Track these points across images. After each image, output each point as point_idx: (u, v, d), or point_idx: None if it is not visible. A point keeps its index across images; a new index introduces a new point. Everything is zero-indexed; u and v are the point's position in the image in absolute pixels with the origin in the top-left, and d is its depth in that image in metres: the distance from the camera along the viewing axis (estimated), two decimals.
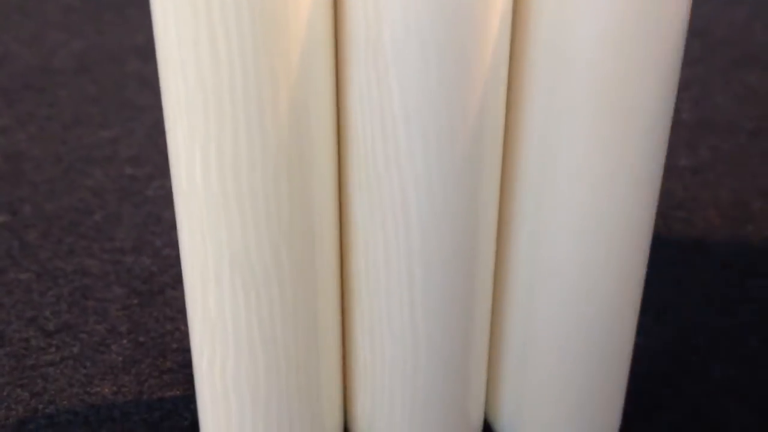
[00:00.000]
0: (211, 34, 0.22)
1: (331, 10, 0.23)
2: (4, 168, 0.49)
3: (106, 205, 0.46)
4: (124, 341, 0.36)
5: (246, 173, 0.24)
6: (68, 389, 0.34)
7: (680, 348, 0.36)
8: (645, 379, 0.34)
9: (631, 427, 0.32)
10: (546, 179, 0.26)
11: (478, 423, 0.31)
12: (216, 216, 0.24)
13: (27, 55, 0.64)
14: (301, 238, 0.25)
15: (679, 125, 0.53)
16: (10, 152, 0.51)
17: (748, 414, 0.33)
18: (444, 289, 0.26)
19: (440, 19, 0.22)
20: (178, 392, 0.34)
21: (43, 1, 0.74)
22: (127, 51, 0.65)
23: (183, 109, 0.23)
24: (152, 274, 0.40)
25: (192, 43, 0.22)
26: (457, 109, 0.24)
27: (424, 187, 0.25)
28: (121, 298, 0.39)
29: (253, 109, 0.23)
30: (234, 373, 0.27)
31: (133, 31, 0.68)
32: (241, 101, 0.23)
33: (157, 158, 0.50)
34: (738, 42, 0.66)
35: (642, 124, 0.25)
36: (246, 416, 0.27)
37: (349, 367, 0.29)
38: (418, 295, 0.26)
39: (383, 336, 0.27)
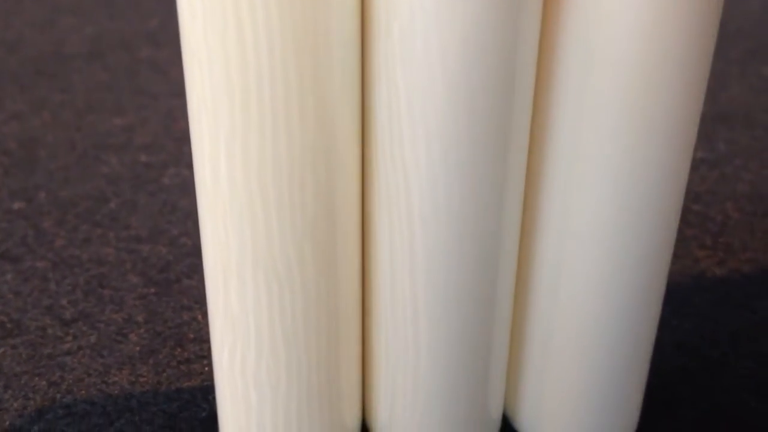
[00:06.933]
0: (238, 29, 0.22)
1: (359, 8, 0.23)
2: (18, 154, 0.49)
3: (122, 192, 0.45)
4: (141, 331, 0.36)
5: (271, 170, 0.23)
6: (86, 379, 0.34)
7: (699, 342, 0.36)
8: (663, 373, 0.34)
9: (650, 422, 0.32)
10: (573, 178, 0.26)
11: (497, 418, 0.31)
12: (239, 211, 0.24)
13: (39, 40, 0.64)
14: (324, 235, 0.25)
15: None
16: (25, 138, 0.51)
17: None
18: (465, 287, 0.26)
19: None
20: (195, 383, 0.34)
21: None
22: (139, 37, 0.65)
23: (209, 104, 0.23)
24: (168, 263, 0.40)
25: (219, 38, 0.22)
26: (482, 110, 0.24)
27: (446, 188, 0.24)
28: (137, 287, 0.39)
29: (280, 107, 0.23)
30: (255, 369, 0.27)
31: (145, 16, 0.68)
32: (267, 98, 0.22)
33: (171, 146, 0.50)
34: (752, 33, 0.66)
35: (670, 121, 0.25)
36: (266, 412, 0.27)
37: (369, 364, 0.29)
38: (438, 294, 0.26)
39: (402, 332, 0.27)
